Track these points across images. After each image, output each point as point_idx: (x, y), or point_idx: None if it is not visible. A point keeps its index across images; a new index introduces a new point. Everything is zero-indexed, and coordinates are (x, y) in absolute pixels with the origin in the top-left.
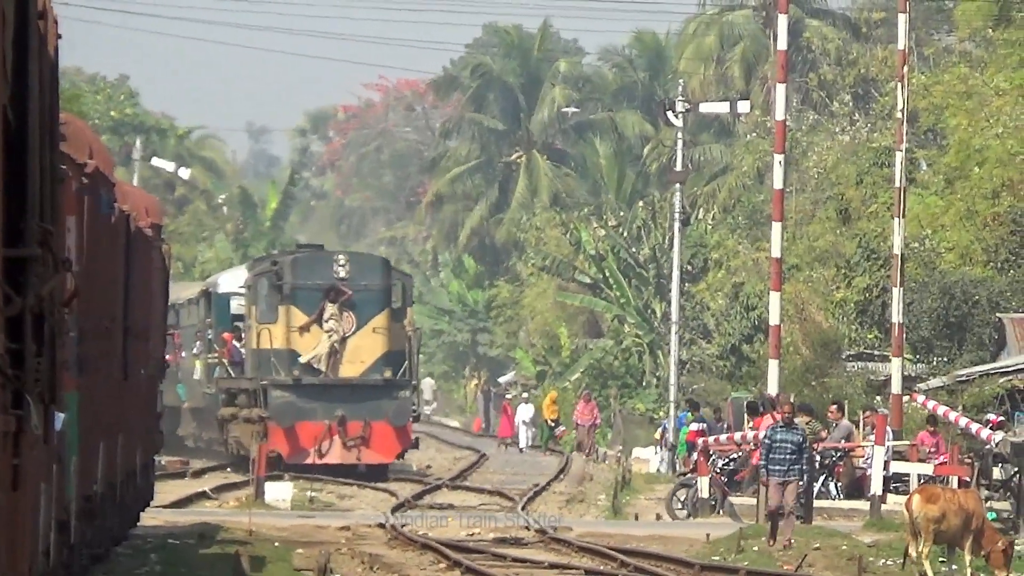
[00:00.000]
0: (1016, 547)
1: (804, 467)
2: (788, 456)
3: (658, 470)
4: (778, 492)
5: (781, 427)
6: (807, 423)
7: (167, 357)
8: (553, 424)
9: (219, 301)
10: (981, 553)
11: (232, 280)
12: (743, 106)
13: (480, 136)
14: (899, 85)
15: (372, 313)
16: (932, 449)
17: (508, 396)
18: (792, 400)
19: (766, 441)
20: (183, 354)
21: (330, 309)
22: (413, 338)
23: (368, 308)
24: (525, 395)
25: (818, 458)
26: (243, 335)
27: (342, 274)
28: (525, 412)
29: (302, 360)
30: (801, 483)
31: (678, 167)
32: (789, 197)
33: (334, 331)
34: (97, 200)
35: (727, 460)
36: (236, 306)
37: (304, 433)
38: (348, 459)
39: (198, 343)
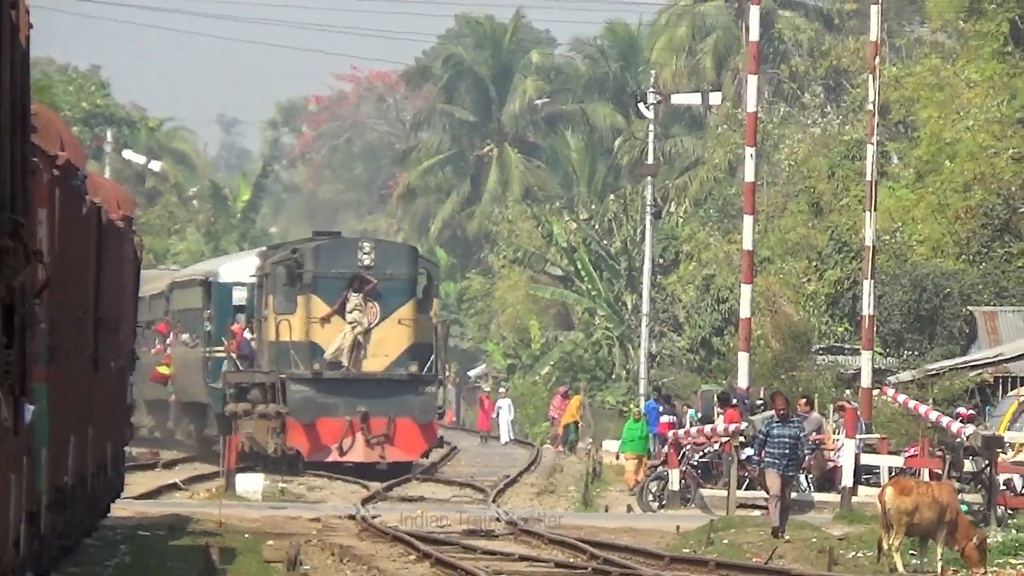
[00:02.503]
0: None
1: (801, 459)
2: (787, 450)
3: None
4: (777, 480)
5: (777, 421)
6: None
7: (157, 348)
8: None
9: (220, 291)
10: (955, 547)
11: (234, 269)
12: (715, 98)
13: (452, 128)
14: (871, 77)
15: (397, 304)
16: None
17: (485, 389)
18: (762, 394)
19: (761, 436)
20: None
21: (353, 299)
22: (440, 330)
23: (393, 298)
24: (503, 389)
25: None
26: (252, 326)
27: (366, 262)
28: (506, 408)
29: (327, 356)
30: (795, 476)
31: (650, 160)
32: (761, 190)
33: (357, 322)
34: (68, 192)
35: (703, 453)
36: (237, 297)
37: (325, 430)
38: (371, 457)
39: (185, 335)
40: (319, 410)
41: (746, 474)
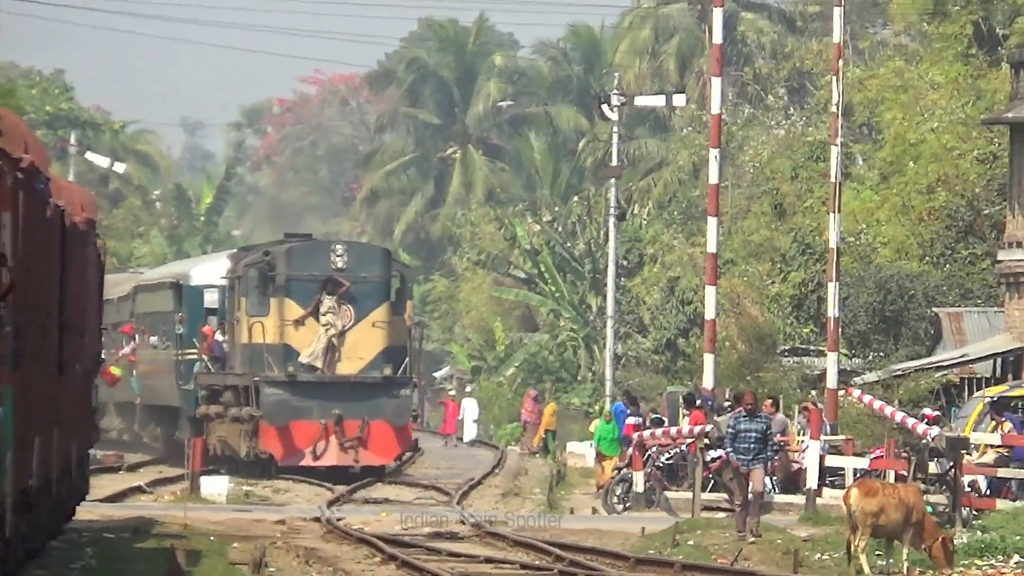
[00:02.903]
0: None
1: (769, 454)
2: (752, 445)
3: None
4: (743, 482)
5: (744, 416)
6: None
7: (126, 351)
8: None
9: (191, 294)
10: (922, 547)
11: (205, 272)
12: (678, 99)
13: (415, 131)
14: (834, 79)
15: (371, 306)
16: None
17: (451, 392)
18: (727, 395)
19: (729, 431)
20: (127, 348)
21: (327, 302)
22: (414, 332)
23: (367, 301)
24: (469, 389)
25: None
26: (225, 329)
27: (340, 264)
28: (471, 407)
29: (302, 359)
30: (763, 468)
31: (613, 162)
32: (724, 192)
33: (331, 325)
34: (32, 195)
35: (669, 455)
36: (209, 299)
37: (299, 433)
38: (345, 461)
39: (153, 338)
40: (293, 413)
41: (711, 475)
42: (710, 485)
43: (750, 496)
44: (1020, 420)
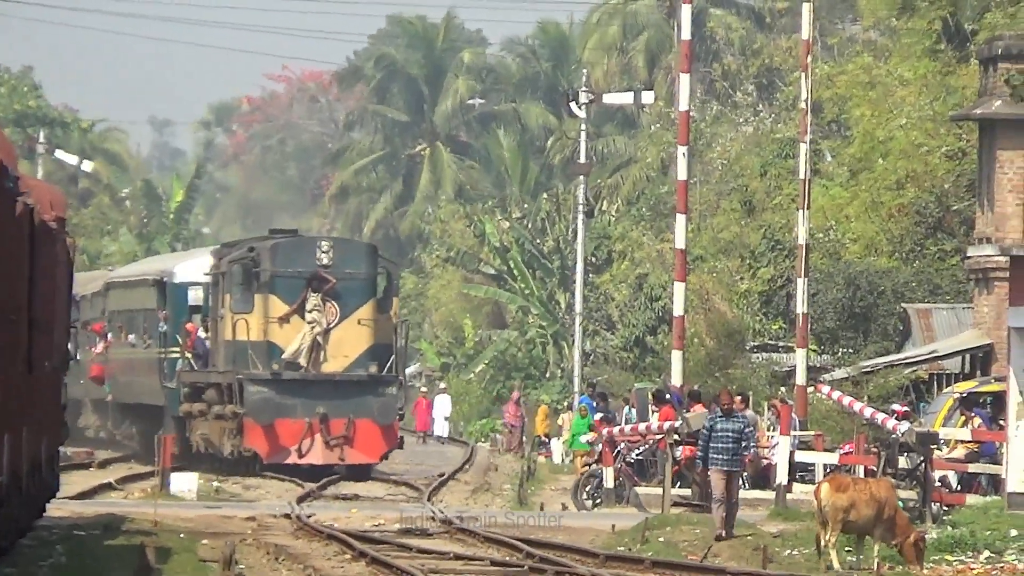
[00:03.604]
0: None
1: (747, 454)
2: (730, 445)
3: (562, 459)
4: (722, 482)
5: (720, 416)
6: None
7: (98, 348)
8: (546, 439)
9: (176, 291)
10: (893, 543)
11: (189, 268)
12: (647, 96)
13: (384, 128)
14: (803, 75)
15: (357, 304)
16: None
17: (422, 389)
18: (698, 390)
19: (705, 431)
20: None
21: (312, 299)
22: (400, 330)
23: (353, 298)
24: (443, 385)
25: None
26: (208, 325)
27: (325, 261)
28: (442, 404)
29: (285, 356)
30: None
31: (582, 159)
32: (693, 188)
33: (316, 322)
34: (1, 193)
35: (639, 451)
36: (193, 296)
37: (284, 431)
38: (330, 459)
39: (131, 335)
40: (277, 411)
41: (680, 471)
42: (679, 481)
43: (721, 504)
44: (989, 415)
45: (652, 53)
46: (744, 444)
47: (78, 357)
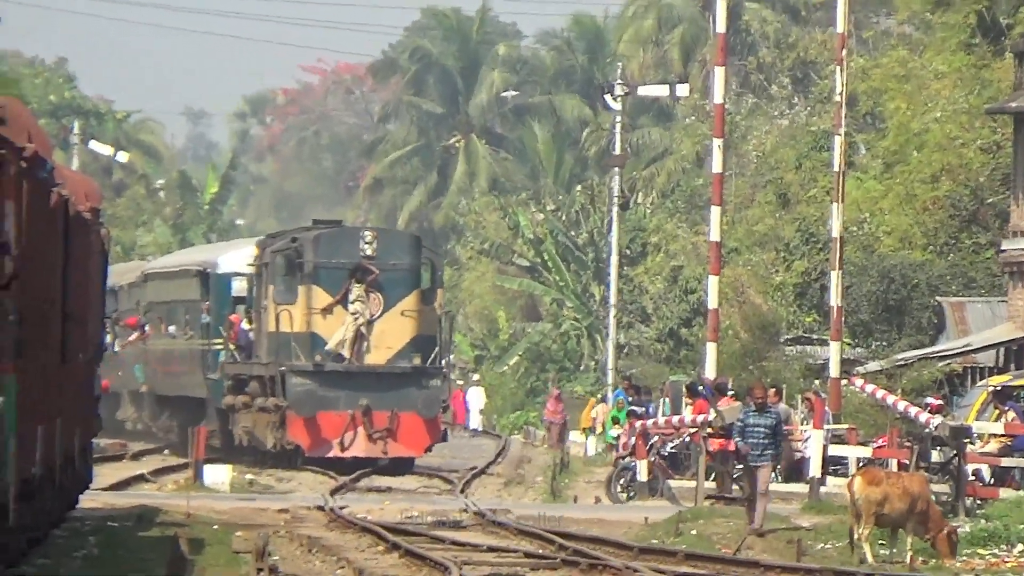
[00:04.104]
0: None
1: (778, 450)
2: (761, 440)
3: (595, 451)
4: (752, 476)
5: (753, 411)
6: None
7: (133, 338)
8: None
9: (219, 282)
10: (926, 537)
11: (233, 260)
12: (682, 89)
13: (419, 120)
14: (838, 68)
15: (401, 295)
16: None
17: (459, 382)
18: (724, 382)
19: (739, 425)
20: (131, 335)
21: (356, 290)
22: (444, 321)
23: (397, 289)
24: (476, 377)
25: None
26: (251, 317)
27: (369, 252)
28: (475, 397)
29: (328, 348)
30: (772, 465)
31: (617, 151)
32: (728, 181)
33: (360, 314)
34: (36, 184)
35: (673, 443)
36: (237, 287)
37: (326, 424)
38: (373, 452)
39: (171, 326)
40: (320, 403)
41: (712, 462)
42: (713, 474)
43: (751, 494)
44: (1023, 409)
45: (687, 46)
46: (777, 439)
47: (116, 349)
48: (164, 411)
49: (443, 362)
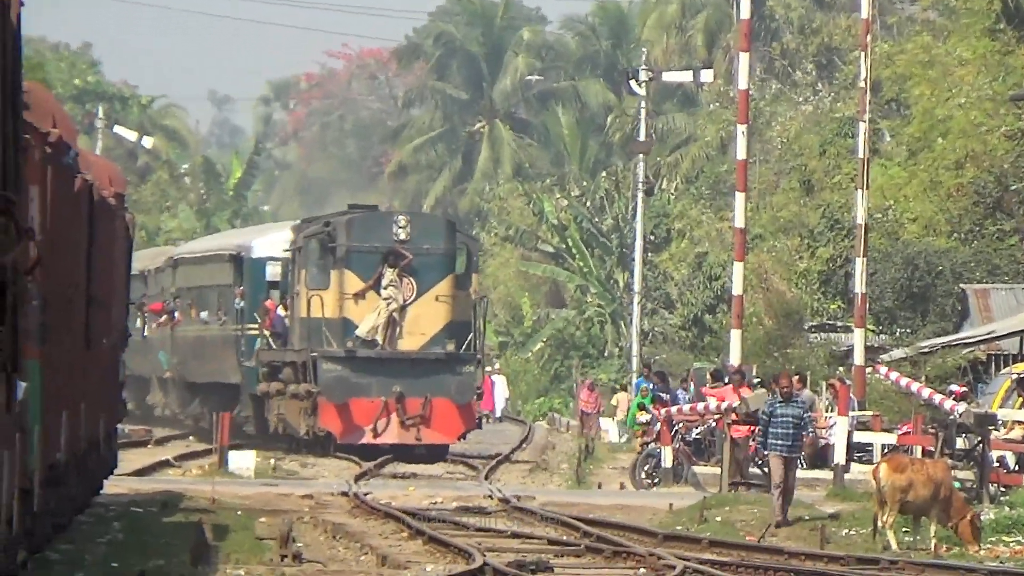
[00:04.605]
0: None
1: (806, 441)
2: (791, 431)
3: (618, 438)
4: (781, 467)
5: (780, 401)
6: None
7: (155, 324)
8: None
9: (253, 267)
10: (949, 524)
11: (267, 244)
12: (706, 75)
13: (443, 105)
14: (862, 54)
15: (435, 280)
16: None
17: (487, 368)
18: (742, 370)
19: (764, 416)
20: (155, 323)
21: (389, 275)
22: (479, 307)
23: (430, 274)
24: (497, 366)
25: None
26: (287, 303)
27: (402, 236)
28: (500, 384)
29: (359, 333)
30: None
31: (641, 137)
32: (752, 167)
33: (393, 299)
34: (60, 169)
35: (697, 430)
36: (271, 272)
37: (358, 410)
38: (406, 439)
39: (203, 312)
40: (352, 390)
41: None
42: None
43: (780, 484)
44: None
45: (711, 32)
46: (804, 430)
47: (145, 334)
48: (195, 398)
49: (477, 348)
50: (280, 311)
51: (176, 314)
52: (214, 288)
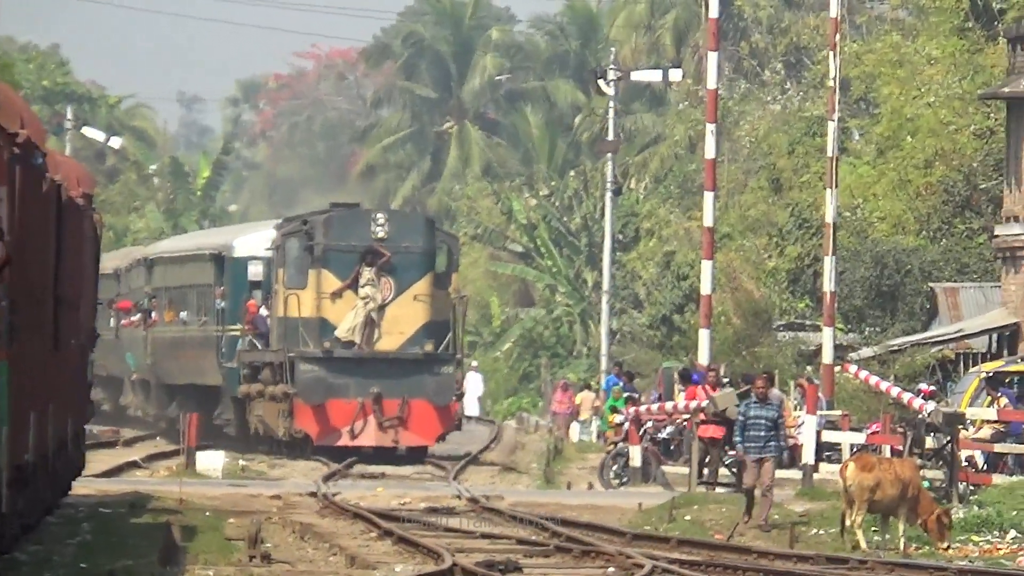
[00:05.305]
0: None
1: (781, 443)
2: (764, 433)
3: (578, 439)
4: (754, 470)
5: (755, 403)
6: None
7: (126, 322)
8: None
9: (235, 266)
10: (917, 522)
11: (249, 243)
12: (675, 74)
13: (412, 105)
14: (831, 54)
15: (413, 278)
16: None
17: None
18: (720, 370)
19: (740, 418)
20: (124, 321)
21: (366, 274)
22: (458, 307)
23: (409, 273)
24: (474, 363)
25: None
26: (269, 303)
27: (380, 234)
28: (473, 382)
29: (338, 334)
30: (776, 458)
31: (610, 136)
32: (721, 166)
33: (371, 298)
34: (29, 170)
35: (666, 430)
36: (253, 272)
37: (335, 412)
38: (384, 441)
39: (181, 312)
40: (329, 391)
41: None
42: (706, 460)
43: (759, 488)
44: (1016, 395)
45: (680, 31)
46: (777, 431)
47: (118, 334)
48: (173, 400)
49: (456, 348)
50: (263, 311)
51: (153, 314)
52: (194, 288)
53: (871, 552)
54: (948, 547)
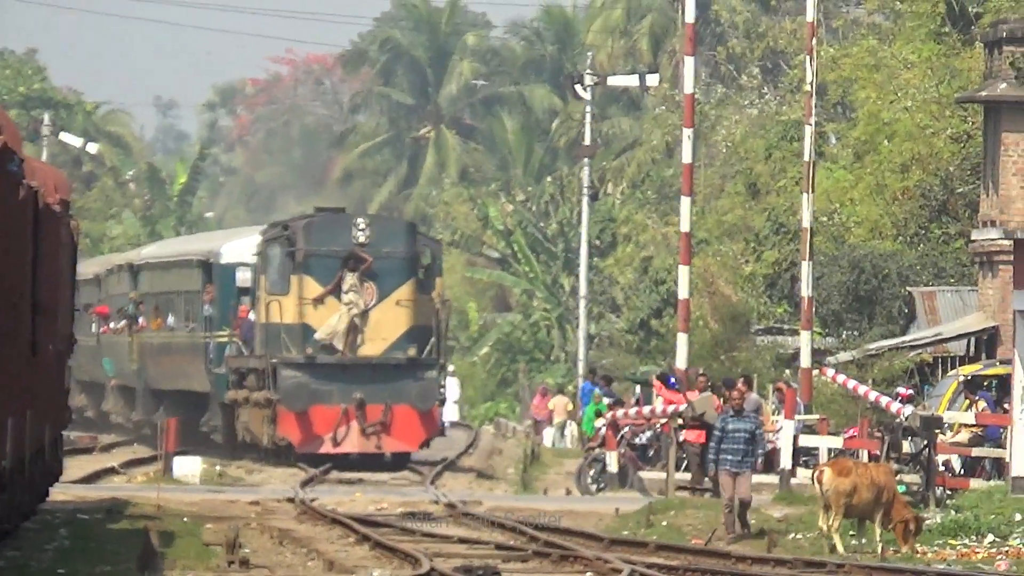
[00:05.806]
0: (926, 520)
1: (758, 456)
2: (741, 446)
3: (552, 444)
4: (730, 484)
5: (732, 415)
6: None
7: (103, 329)
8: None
9: (223, 273)
10: (890, 527)
11: (237, 249)
12: (651, 79)
13: (389, 110)
14: (808, 58)
15: (396, 284)
16: None
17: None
18: (701, 374)
19: (717, 432)
20: (107, 327)
21: (349, 279)
22: (442, 311)
23: (391, 278)
24: (451, 368)
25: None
26: (253, 309)
27: (362, 239)
28: (450, 387)
29: (317, 337)
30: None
31: (586, 141)
32: (698, 171)
33: (353, 304)
34: (5, 176)
35: (644, 435)
36: (241, 278)
37: (318, 418)
38: (367, 447)
39: (168, 318)
40: (312, 397)
41: (684, 455)
42: (683, 465)
43: (737, 503)
44: (994, 399)
45: (656, 36)
46: (756, 444)
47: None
48: (160, 406)
49: (440, 353)
50: (252, 316)
51: (140, 320)
52: (181, 294)
53: (849, 556)
54: (915, 552)
